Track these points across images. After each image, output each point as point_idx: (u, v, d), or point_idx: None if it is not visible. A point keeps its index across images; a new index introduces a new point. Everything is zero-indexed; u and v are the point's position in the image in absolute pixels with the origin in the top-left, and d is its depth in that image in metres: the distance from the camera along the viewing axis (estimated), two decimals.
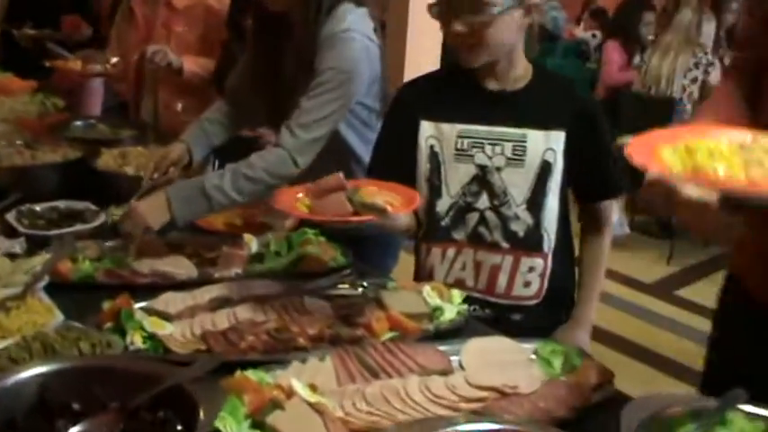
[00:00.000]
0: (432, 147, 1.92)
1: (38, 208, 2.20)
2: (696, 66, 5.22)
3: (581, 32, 8.72)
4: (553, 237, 1.93)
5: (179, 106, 2.99)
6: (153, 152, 2.50)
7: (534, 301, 1.95)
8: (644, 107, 5.21)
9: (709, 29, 5.41)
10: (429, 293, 1.76)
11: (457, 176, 1.91)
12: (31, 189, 2.32)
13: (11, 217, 2.13)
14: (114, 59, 3.23)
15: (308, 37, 2.07)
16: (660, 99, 5.22)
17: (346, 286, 1.86)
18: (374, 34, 2.15)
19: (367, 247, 2.11)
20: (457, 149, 1.90)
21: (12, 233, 2.07)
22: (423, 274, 2.00)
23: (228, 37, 2.96)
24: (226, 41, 2.97)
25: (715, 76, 5.16)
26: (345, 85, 2.06)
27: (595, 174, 1.98)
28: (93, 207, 2.23)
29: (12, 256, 1.89)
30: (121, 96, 3.42)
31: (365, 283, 1.86)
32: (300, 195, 1.72)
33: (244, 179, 2.00)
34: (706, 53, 5.26)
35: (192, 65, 2.96)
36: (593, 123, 1.93)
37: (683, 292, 5.04)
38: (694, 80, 5.23)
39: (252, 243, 2.03)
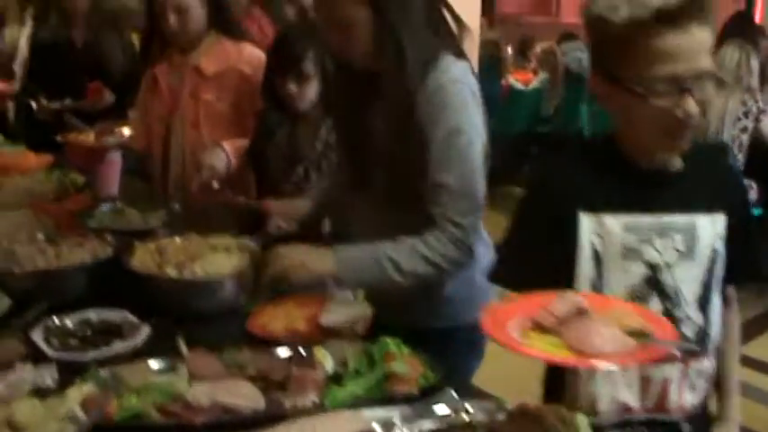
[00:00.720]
0: (593, 245, 1.62)
1: (68, 322, 1.90)
2: (746, 115, 4.91)
3: None
4: (717, 333, 1.69)
5: (215, 185, 2.68)
6: (192, 243, 2.22)
7: (699, 410, 1.70)
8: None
9: (754, 67, 5.10)
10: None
11: (623, 278, 1.61)
12: (58, 295, 2.05)
13: (37, 336, 1.83)
14: (127, 131, 3.07)
15: (402, 94, 1.83)
16: (711, 145, 4.90)
17: (447, 412, 1.54)
18: (478, 93, 1.91)
19: (449, 345, 1.89)
20: (624, 246, 1.60)
21: (38, 354, 1.76)
22: (562, 391, 1.71)
23: (264, 106, 2.67)
24: (260, 112, 2.69)
25: (767, 123, 4.87)
26: (475, 143, 1.85)
27: (745, 254, 1.71)
28: (131, 318, 1.93)
29: (42, 393, 1.58)
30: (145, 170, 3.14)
31: (469, 407, 1.54)
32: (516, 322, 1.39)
33: (421, 259, 1.83)
34: (756, 101, 4.95)
35: (236, 153, 2.71)
36: (744, 197, 1.71)
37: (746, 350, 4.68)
38: (744, 129, 4.93)
39: (326, 360, 1.72)
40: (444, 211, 1.84)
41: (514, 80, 7.77)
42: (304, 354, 1.75)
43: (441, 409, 1.55)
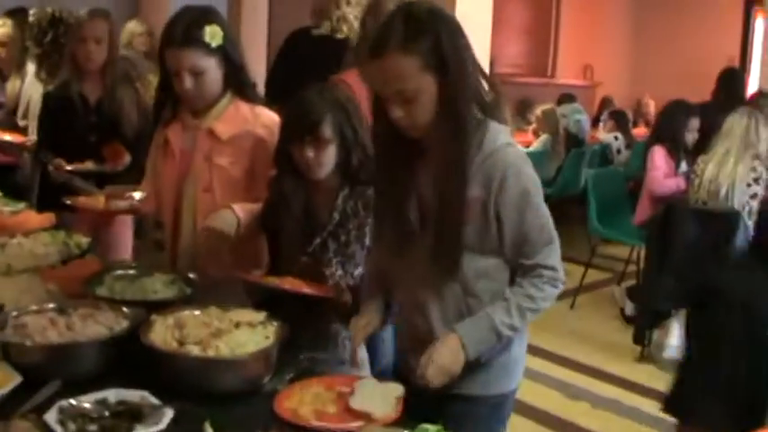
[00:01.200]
0: None
1: (85, 403, 1.80)
2: (756, 181, 4.90)
3: (603, 135, 8.50)
4: None
5: (223, 250, 2.61)
6: (212, 315, 2.15)
7: None
8: (702, 222, 4.85)
9: (763, 134, 5.08)
10: None
11: None
12: (72, 372, 1.97)
13: (52, 419, 1.73)
14: (138, 194, 2.94)
15: (457, 160, 1.96)
16: (722, 213, 4.86)
17: None
18: None
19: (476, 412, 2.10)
20: None
21: None
22: None
23: (278, 172, 2.59)
24: (274, 178, 2.61)
25: None
26: (540, 194, 2.04)
27: None
28: (152, 399, 1.83)
29: None
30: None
31: None
32: None
33: (529, 312, 2.02)
34: (767, 167, 4.94)
35: (246, 215, 2.60)
36: None
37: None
38: (754, 196, 4.91)
39: None
40: (536, 262, 2.02)
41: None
42: None
43: None
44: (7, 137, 4.62)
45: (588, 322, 5.79)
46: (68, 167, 3.81)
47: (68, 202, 3.16)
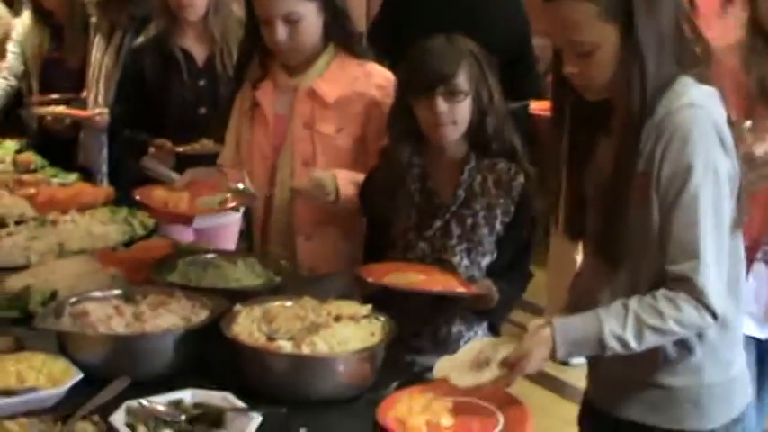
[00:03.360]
0: None
1: (158, 405, 1.88)
2: None
3: None
4: None
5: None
6: (307, 307, 2.22)
7: None
8: None
9: None
10: None
11: None
12: (142, 369, 2.07)
13: (119, 422, 1.82)
14: (240, 186, 2.74)
15: (632, 125, 1.94)
16: None
17: None
18: (727, 126, 1.97)
19: None
20: None
21: None
22: None
23: (392, 141, 2.62)
24: (386, 147, 2.65)
25: None
26: (706, 185, 1.90)
27: None
28: (235, 401, 1.90)
29: None
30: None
31: None
32: None
33: (650, 330, 1.92)
34: None
35: (349, 186, 2.66)
36: None
37: None
38: None
39: None
40: (681, 272, 1.91)
41: None
42: None
43: None
44: (58, 109, 4.43)
45: None
46: (179, 149, 3.55)
47: (138, 197, 2.94)
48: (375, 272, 2.42)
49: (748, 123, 2.29)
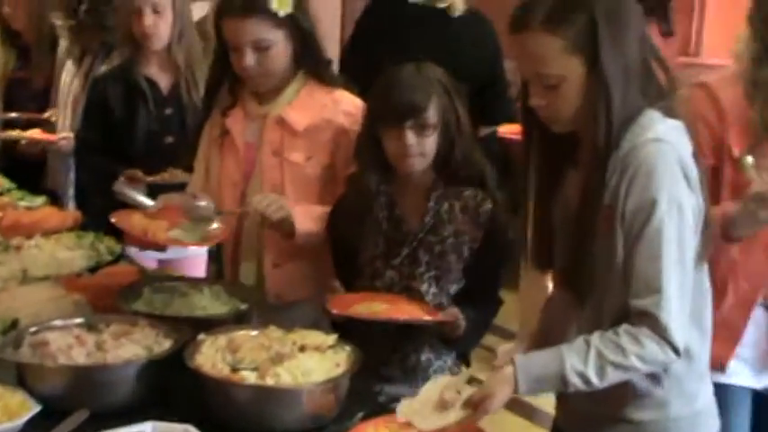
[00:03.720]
0: None
1: None
2: None
3: None
4: None
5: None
6: (273, 337, 2.21)
7: None
8: None
9: None
10: None
11: None
12: (102, 401, 2.04)
13: None
14: (214, 225, 2.74)
15: (598, 158, 1.95)
16: None
17: None
18: (693, 161, 1.97)
19: None
20: None
21: None
22: None
23: (359, 166, 2.62)
24: (353, 176, 2.66)
25: None
26: (670, 221, 1.90)
27: None
28: None
29: None
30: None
31: None
32: None
33: (611, 366, 1.90)
34: None
35: (307, 222, 2.66)
36: None
37: None
38: None
39: None
40: (643, 307, 1.90)
41: None
42: None
43: None
44: (31, 133, 4.39)
45: None
46: (150, 178, 3.48)
47: (115, 221, 2.87)
48: (341, 302, 2.42)
49: (750, 159, 2.25)
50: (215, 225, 2.73)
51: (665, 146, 1.92)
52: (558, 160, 2.09)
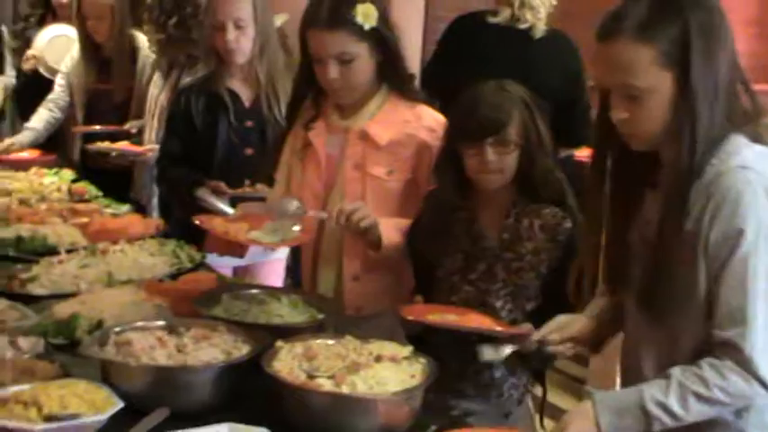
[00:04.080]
0: None
1: None
2: None
3: None
4: None
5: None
6: (349, 346, 2.23)
7: None
8: None
9: None
10: None
11: None
12: (182, 401, 2.08)
13: None
14: (296, 227, 2.76)
15: (679, 181, 1.92)
16: None
17: None
18: None
19: None
20: None
21: None
22: None
23: (438, 185, 2.66)
24: (432, 192, 2.70)
25: None
26: (764, 249, 1.87)
27: None
28: None
29: None
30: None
31: None
32: None
33: (695, 398, 1.88)
34: None
35: (394, 233, 2.68)
36: None
37: None
38: None
39: None
40: (727, 338, 1.87)
41: None
42: None
43: None
44: (121, 145, 4.55)
45: None
46: (232, 191, 3.52)
47: (198, 222, 2.96)
48: (415, 311, 2.45)
49: None
50: (295, 228, 2.75)
51: (752, 174, 1.88)
52: (636, 181, 2.07)
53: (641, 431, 1.90)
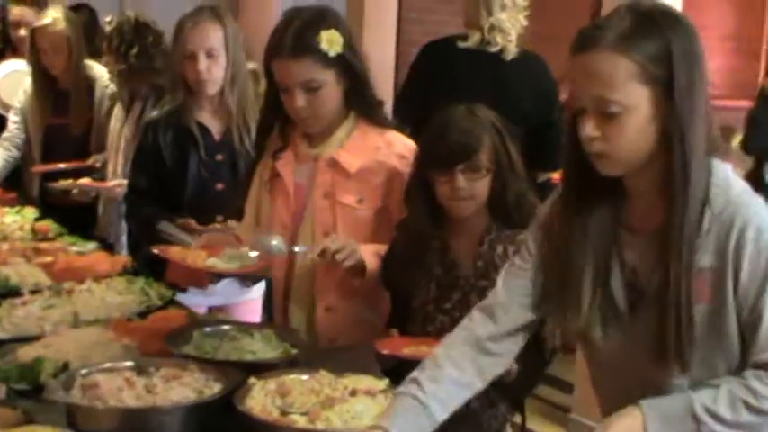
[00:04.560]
0: None
1: None
2: None
3: None
4: None
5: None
6: (323, 381, 2.23)
7: None
8: None
9: None
10: None
11: None
12: None
13: None
14: (253, 254, 2.79)
15: (687, 219, 1.86)
16: None
17: None
18: None
19: None
20: None
21: None
22: None
23: (410, 210, 2.65)
24: (404, 221, 2.69)
25: None
26: None
27: None
28: None
29: None
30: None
31: None
32: None
33: (744, 407, 1.86)
34: None
35: (375, 260, 2.67)
36: None
37: None
38: None
39: None
40: (758, 356, 1.87)
41: None
42: None
43: None
44: (83, 181, 4.48)
45: None
46: (201, 228, 3.48)
47: (157, 251, 2.99)
48: (389, 345, 2.45)
49: None
50: (253, 254, 2.76)
51: (757, 197, 1.91)
52: (610, 220, 2.00)
53: None
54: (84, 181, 4.38)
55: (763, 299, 1.84)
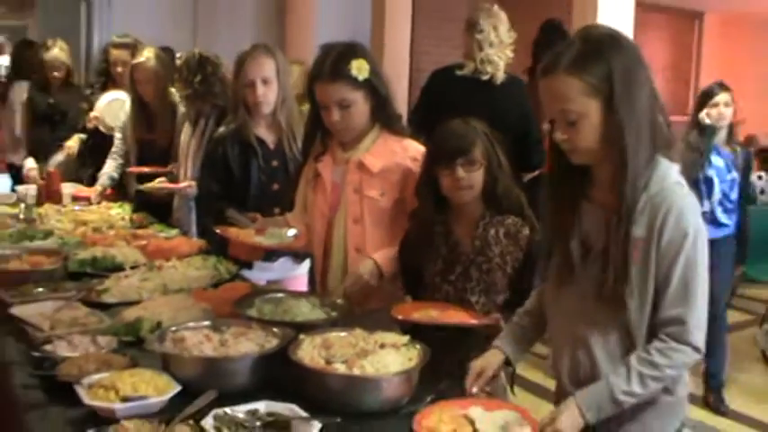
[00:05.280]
0: None
1: (239, 413, 1.90)
2: None
3: None
4: None
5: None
6: (358, 337, 2.22)
7: None
8: None
9: None
10: None
11: None
12: (226, 384, 2.08)
13: (208, 425, 1.84)
14: (292, 231, 2.92)
15: (632, 196, 1.90)
16: None
17: None
18: None
19: None
20: None
21: None
22: None
23: (420, 201, 2.65)
24: (415, 211, 2.69)
25: None
26: (701, 246, 1.91)
27: None
28: (300, 412, 1.91)
29: None
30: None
31: None
32: None
33: (651, 380, 1.91)
34: None
35: (388, 263, 2.74)
36: None
37: None
38: None
39: None
40: (668, 316, 1.91)
41: None
42: None
43: None
44: (161, 181, 4.50)
45: (729, 366, 5.54)
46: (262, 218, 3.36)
47: (218, 230, 3.09)
48: (403, 310, 2.48)
49: None
50: (290, 234, 2.91)
51: (684, 189, 1.94)
52: (573, 195, 2.04)
53: (616, 413, 1.94)
54: (163, 182, 4.41)
55: (674, 268, 1.88)
